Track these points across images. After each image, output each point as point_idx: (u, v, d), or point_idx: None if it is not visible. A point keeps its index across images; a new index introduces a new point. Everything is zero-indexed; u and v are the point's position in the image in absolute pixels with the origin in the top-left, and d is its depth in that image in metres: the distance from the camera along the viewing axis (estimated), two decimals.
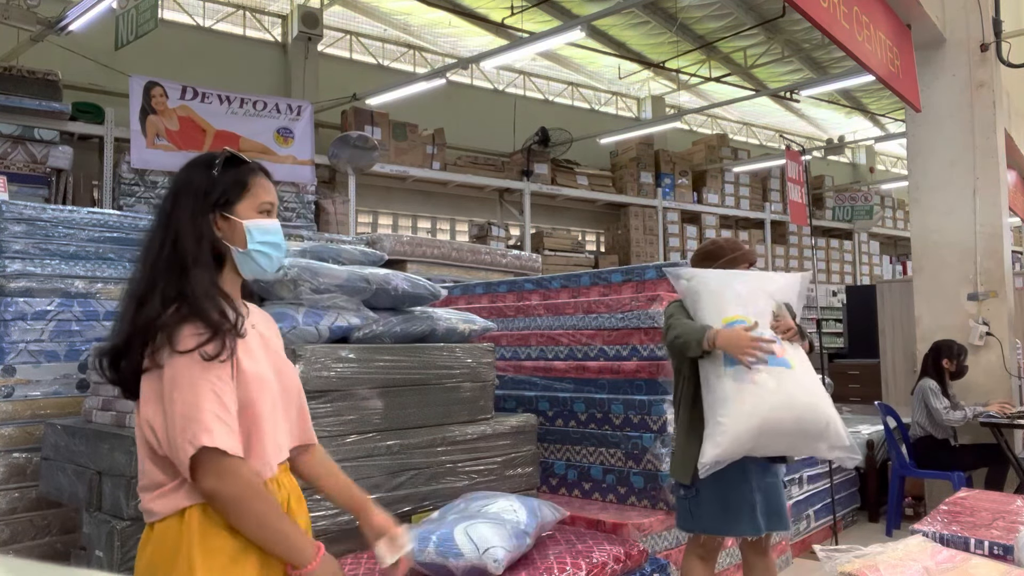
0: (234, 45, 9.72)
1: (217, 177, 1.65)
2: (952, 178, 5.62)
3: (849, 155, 17.67)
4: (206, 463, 1.49)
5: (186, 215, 1.61)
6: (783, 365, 2.61)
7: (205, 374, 1.51)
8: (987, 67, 5.60)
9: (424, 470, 3.03)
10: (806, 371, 2.70)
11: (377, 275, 3.12)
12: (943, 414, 5.02)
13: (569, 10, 10.72)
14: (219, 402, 1.51)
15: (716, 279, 2.86)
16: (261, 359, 1.66)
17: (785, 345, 2.68)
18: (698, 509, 2.84)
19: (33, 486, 3.64)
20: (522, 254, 6.13)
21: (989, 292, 5.45)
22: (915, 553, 2.05)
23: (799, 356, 2.73)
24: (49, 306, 3.91)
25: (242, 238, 1.64)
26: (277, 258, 1.69)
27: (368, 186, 9.60)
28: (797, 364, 2.68)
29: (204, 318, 1.53)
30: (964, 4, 5.72)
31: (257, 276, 1.71)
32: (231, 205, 1.65)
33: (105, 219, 4.19)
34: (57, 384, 3.93)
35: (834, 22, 4.11)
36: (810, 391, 2.66)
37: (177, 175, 1.70)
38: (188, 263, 1.58)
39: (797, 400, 2.61)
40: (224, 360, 1.53)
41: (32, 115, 7.06)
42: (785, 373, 2.61)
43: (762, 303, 2.75)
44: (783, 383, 2.60)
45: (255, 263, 1.66)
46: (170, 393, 1.51)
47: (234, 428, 1.53)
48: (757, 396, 2.57)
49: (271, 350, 1.73)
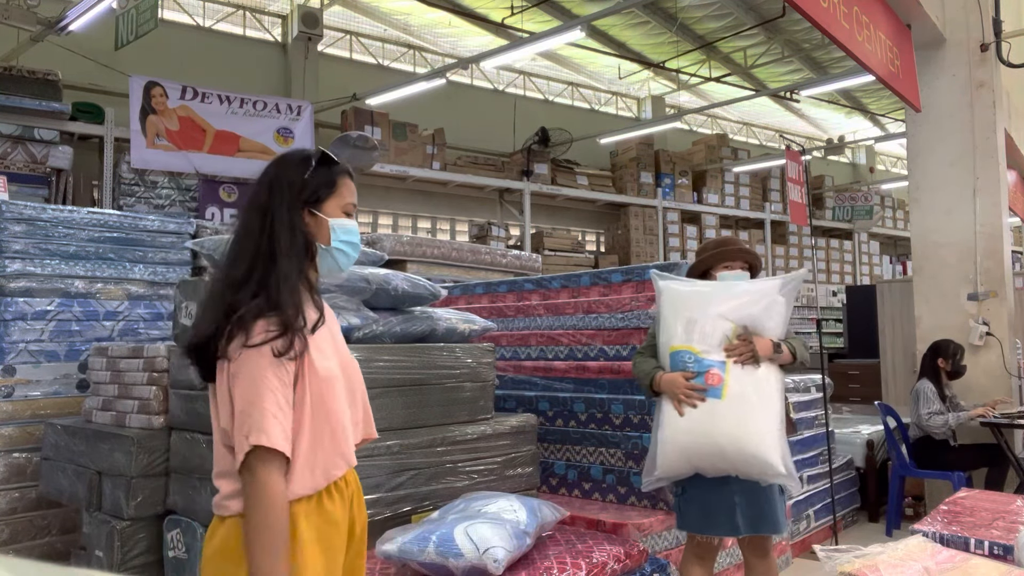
0: (234, 45, 9.71)
1: (309, 175, 1.70)
2: (952, 178, 5.61)
3: (849, 155, 17.67)
4: (252, 460, 1.53)
5: (282, 208, 1.66)
6: (714, 396, 2.71)
7: (269, 371, 1.55)
8: (987, 67, 5.60)
9: (424, 470, 3.03)
10: (742, 400, 2.69)
11: (377, 275, 3.12)
12: (924, 419, 5.05)
13: (569, 10, 10.72)
14: (276, 401, 1.54)
15: (672, 301, 2.86)
16: (331, 356, 1.69)
17: (734, 369, 2.71)
18: (684, 508, 2.90)
19: (33, 486, 3.64)
20: (522, 254, 6.13)
21: (989, 292, 5.45)
22: (915, 553, 2.05)
23: (746, 380, 2.71)
24: (49, 306, 3.91)
25: (326, 235, 1.71)
26: (353, 257, 1.76)
27: (368, 186, 9.60)
28: (732, 393, 2.69)
29: (280, 313, 1.57)
30: (964, 4, 5.71)
31: (332, 273, 1.76)
32: (320, 203, 1.71)
33: (105, 219, 4.19)
34: (57, 384, 3.93)
35: (834, 22, 4.11)
36: (737, 422, 2.67)
37: (269, 169, 1.74)
38: (279, 253, 1.62)
39: (718, 431, 2.68)
40: (292, 358, 1.57)
41: (32, 115, 7.06)
42: (712, 404, 2.70)
43: (710, 327, 2.77)
44: (705, 414, 2.70)
45: (334, 260, 1.73)
46: (234, 386, 1.56)
47: (287, 429, 1.56)
48: (675, 425, 2.75)
49: (339, 346, 1.76)
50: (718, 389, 2.71)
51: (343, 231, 1.72)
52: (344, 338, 2.99)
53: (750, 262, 3.12)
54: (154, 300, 4.27)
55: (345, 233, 1.72)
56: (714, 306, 2.80)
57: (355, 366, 1.79)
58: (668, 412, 2.78)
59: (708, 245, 3.22)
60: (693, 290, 2.89)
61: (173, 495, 3.00)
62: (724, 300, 2.82)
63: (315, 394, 1.62)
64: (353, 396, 1.76)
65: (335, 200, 1.72)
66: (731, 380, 2.71)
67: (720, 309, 2.79)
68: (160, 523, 3.00)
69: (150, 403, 3.16)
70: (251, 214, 1.69)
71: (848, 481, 5.54)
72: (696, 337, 2.78)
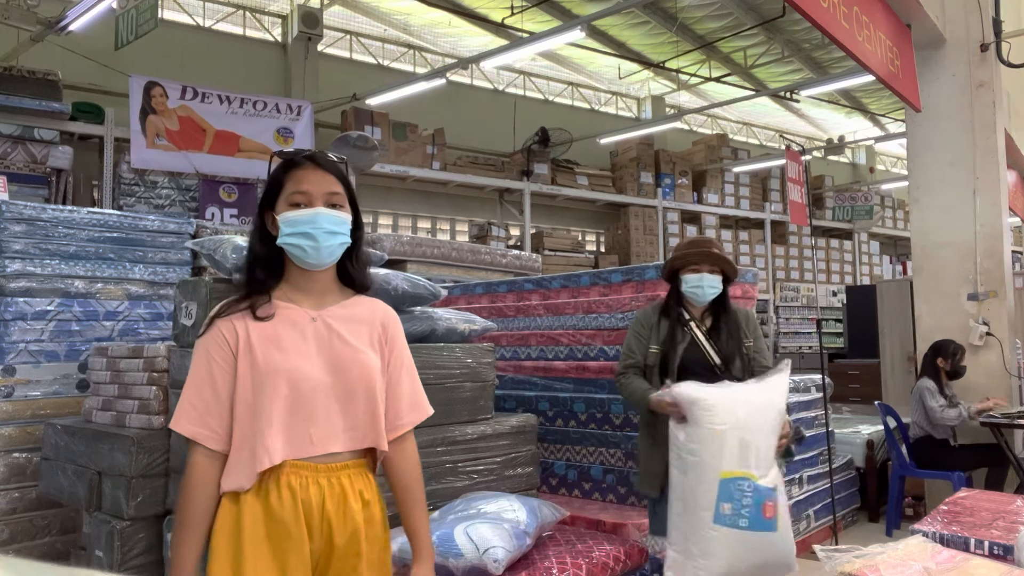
0: (234, 45, 9.72)
1: (268, 178, 1.76)
2: (952, 178, 5.61)
3: (849, 155, 17.67)
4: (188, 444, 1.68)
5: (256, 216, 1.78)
6: (768, 529, 2.48)
7: (203, 362, 1.68)
8: (987, 67, 5.60)
9: (424, 470, 3.02)
10: (786, 521, 2.56)
11: (377, 275, 3.12)
12: (938, 412, 5.02)
13: (569, 10, 10.72)
14: (199, 391, 1.67)
15: (713, 413, 2.51)
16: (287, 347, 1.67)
17: (781, 493, 2.54)
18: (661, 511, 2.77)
19: (33, 486, 3.64)
20: (522, 254, 6.13)
21: (989, 292, 5.45)
22: (915, 553, 2.05)
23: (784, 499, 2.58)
24: (49, 306, 3.91)
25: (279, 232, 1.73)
26: (312, 245, 1.68)
27: (368, 186, 9.60)
28: (783, 522, 2.52)
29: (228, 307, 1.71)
30: (964, 4, 5.71)
31: (304, 266, 1.73)
32: (273, 203, 1.74)
33: (105, 219, 4.19)
34: (57, 384, 3.93)
35: (834, 22, 4.11)
36: (788, 549, 2.54)
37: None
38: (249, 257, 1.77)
39: (772, 560, 2.54)
40: (222, 348, 1.67)
41: (32, 115, 7.06)
42: (765, 536, 2.49)
43: (765, 446, 2.50)
44: (755, 548, 2.49)
45: (293, 255, 1.72)
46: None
47: (205, 416, 1.65)
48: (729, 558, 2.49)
49: (335, 346, 1.70)
50: (772, 522, 2.48)
51: (285, 224, 1.68)
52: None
53: (720, 267, 2.94)
54: (154, 300, 4.27)
55: (288, 225, 1.68)
56: (766, 418, 2.53)
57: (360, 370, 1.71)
58: (717, 542, 2.49)
59: (679, 246, 3.10)
60: (737, 398, 2.55)
61: (173, 495, 2.99)
62: (769, 408, 2.56)
63: (253, 385, 1.65)
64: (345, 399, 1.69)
65: (282, 195, 1.72)
66: (781, 506, 2.52)
67: (771, 421, 2.54)
68: (160, 523, 3.00)
69: (150, 403, 3.16)
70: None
71: (848, 481, 5.54)
72: (753, 461, 2.49)
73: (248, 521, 1.61)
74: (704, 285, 2.92)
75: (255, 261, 1.75)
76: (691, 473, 2.56)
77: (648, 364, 2.96)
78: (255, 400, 1.63)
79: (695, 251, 2.95)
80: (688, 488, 2.56)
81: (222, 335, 1.67)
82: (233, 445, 1.64)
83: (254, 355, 1.64)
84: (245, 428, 1.63)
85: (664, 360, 2.93)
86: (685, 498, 2.57)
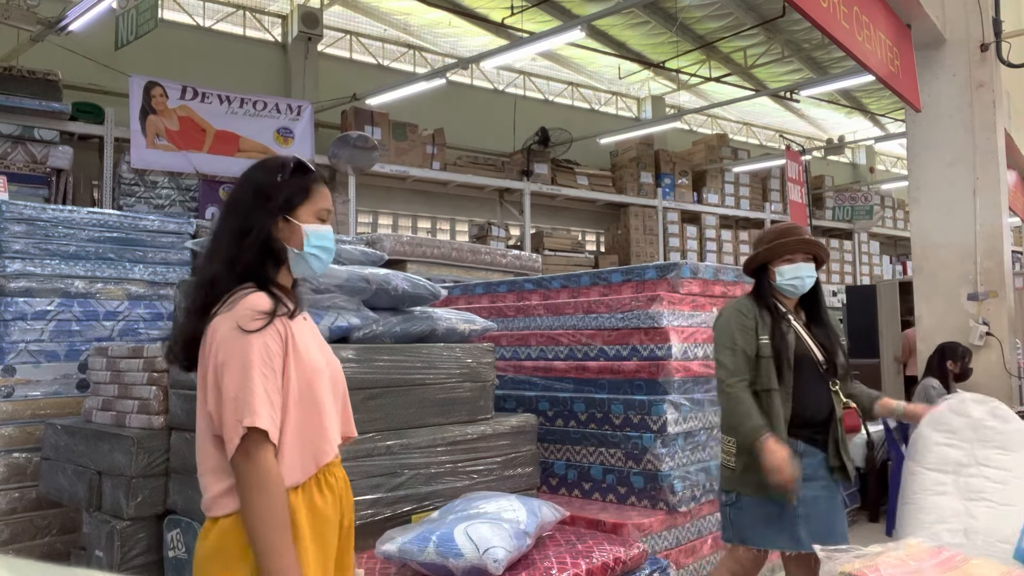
0: (234, 45, 9.71)
1: (283, 182, 1.75)
2: (952, 178, 5.61)
3: (849, 155, 17.66)
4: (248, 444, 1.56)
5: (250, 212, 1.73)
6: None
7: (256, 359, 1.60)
8: (987, 67, 5.59)
9: (424, 470, 3.03)
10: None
11: (377, 275, 3.12)
12: None
13: (569, 10, 10.72)
14: (266, 387, 1.60)
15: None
16: (315, 350, 1.75)
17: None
18: (736, 518, 2.71)
19: (33, 486, 3.64)
20: (522, 254, 6.13)
21: (989, 292, 5.44)
22: (915, 553, 2.05)
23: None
24: (49, 306, 3.91)
25: (299, 241, 1.75)
26: (327, 261, 1.81)
27: (368, 186, 9.60)
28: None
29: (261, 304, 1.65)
30: (964, 4, 5.71)
31: (307, 276, 1.83)
32: (293, 209, 1.75)
33: (105, 219, 4.19)
34: (57, 384, 3.93)
35: (834, 22, 4.11)
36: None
37: (245, 173, 1.81)
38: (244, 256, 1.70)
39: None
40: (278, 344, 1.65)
41: (32, 115, 7.06)
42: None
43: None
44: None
45: (307, 264, 1.77)
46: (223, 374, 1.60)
47: (273, 412, 1.60)
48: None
49: (324, 344, 1.83)
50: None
51: (316, 236, 1.76)
52: (344, 338, 3.01)
53: (814, 253, 2.76)
54: (154, 300, 4.27)
55: (318, 238, 1.77)
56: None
57: (337, 365, 1.85)
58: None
59: (766, 236, 2.84)
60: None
61: (173, 495, 3.00)
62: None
63: (302, 381, 1.67)
64: (335, 392, 1.81)
65: (309, 206, 1.77)
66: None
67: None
68: (160, 523, 3.00)
69: (150, 403, 3.16)
70: (222, 218, 1.77)
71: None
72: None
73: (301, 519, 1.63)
74: (803, 275, 2.72)
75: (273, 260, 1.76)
76: (981, 501, 2.44)
77: (762, 356, 2.69)
78: (310, 396, 1.68)
79: (791, 239, 2.72)
80: (976, 516, 2.45)
81: (277, 331, 1.66)
82: (286, 441, 1.63)
83: (299, 353, 1.68)
84: (302, 423, 1.66)
85: (776, 355, 2.69)
86: (967, 528, 2.46)
